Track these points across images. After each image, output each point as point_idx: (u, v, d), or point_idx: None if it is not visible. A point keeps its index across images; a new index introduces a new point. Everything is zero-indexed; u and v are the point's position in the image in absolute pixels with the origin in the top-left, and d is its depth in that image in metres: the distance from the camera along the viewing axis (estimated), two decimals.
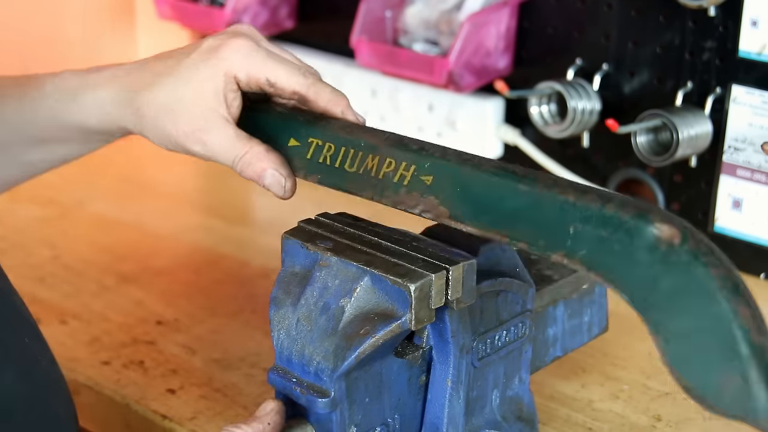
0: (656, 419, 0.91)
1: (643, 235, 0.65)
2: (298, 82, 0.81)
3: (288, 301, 0.78)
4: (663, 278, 0.64)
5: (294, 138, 0.82)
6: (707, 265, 0.63)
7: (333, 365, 0.74)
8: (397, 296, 0.74)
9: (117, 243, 1.22)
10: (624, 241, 0.65)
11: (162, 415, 0.91)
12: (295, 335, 0.77)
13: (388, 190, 0.77)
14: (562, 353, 0.90)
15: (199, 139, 0.81)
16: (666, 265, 0.64)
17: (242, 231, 1.25)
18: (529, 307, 0.83)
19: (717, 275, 0.63)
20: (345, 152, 0.80)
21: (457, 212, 0.74)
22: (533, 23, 1.22)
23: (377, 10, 1.26)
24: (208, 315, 1.07)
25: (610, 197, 0.68)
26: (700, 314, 0.62)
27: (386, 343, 0.75)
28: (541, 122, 1.20)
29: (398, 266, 0.75)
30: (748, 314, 0.62)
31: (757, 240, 1.11)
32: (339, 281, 0.76)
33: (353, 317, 0.75)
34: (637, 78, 1.16)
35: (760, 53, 1.06)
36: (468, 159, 0.75)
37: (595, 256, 0.67)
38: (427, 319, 0.75)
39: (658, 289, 0.64)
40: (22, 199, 1.33)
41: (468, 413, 0.80)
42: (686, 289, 0.63)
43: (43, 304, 1.08)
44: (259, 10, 1.38)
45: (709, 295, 0.62)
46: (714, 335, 0.62)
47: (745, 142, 1.09)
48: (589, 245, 0.67)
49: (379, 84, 1.32)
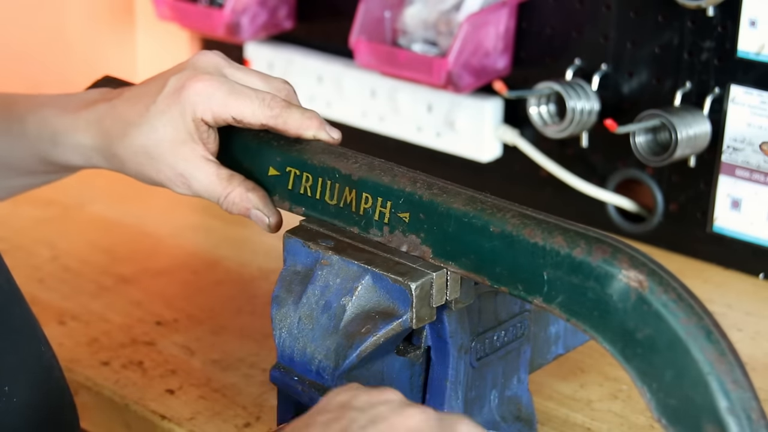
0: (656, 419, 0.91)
1: (612, 285, 0.64)
2: (264, 114, 0.80)
3: (290, 300, 0.78)
4: (638, 329, 0.63)
5: (272, 167, 0.83)
6: (677, 315, 0.62)
7: (334, 363, 0.75)
8: (398, 295, 0.74)
9: (116, 244, 1.22)
10: (596, 290, 0.65)
11: (161, 415, 0.91)
12: (297, 334, 0.77)
13: (372, 227, 0.77)
14: (564, 351, 0.90)
15: (183, 183, 0.82)
16: (638, 316, 0.63)
17: (242, 231, 1.25)
18: (527, 307, 0.83)
19: (687, 326, 0.62)
20: (323, 183, 0.80)
21: (438, 252, 0.74)
22: (532, 24, 1.22)
23: (376, 11, 1.26)
24: (207, 316, 1.07)
25: (576, 239, 0.67)
26: (676, 367, 0.62)
27: (387, 341, 0.75)
28: (540, 122, 1.20)
29: (399, 265, 0.75)
30: (724, 364, 0.61)
31: (756, 240, 1.11)
32: (340, 280, 0.76)
33: (354, 316, 0.75)
34: (635, 78, 1.16)
35: (758, 53, 1.06)
36: (438, 192, 0.74)
37: (572, 304, 0.66)
38: (428, 318, 0.75)
39: (635, 340, 0.63)
40: (22, 200, 1.33)
41: (466, 413, 0.80)
42: (660, 341, 0.62)
43: (43, 304, 1.08)
44: (258, 11, 1.38)
45: (681, 348, 0.62)
46: (692, 389, 0.61)
47: (743, 142, 1.09)
48: (565, 292, 0.67)
49: (378, 84, 1.32)
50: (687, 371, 0.62)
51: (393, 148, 1.37)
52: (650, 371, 0.63)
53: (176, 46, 1.56)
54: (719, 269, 1.15)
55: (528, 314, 0.83)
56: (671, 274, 0.65)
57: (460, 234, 0.73)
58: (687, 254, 1.18)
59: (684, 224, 1.17)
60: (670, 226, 1.18)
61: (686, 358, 0.62)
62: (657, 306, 0.63)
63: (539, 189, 1.27)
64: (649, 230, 1.19)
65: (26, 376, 0.76)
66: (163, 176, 0.82)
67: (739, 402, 0.61)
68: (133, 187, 1.38)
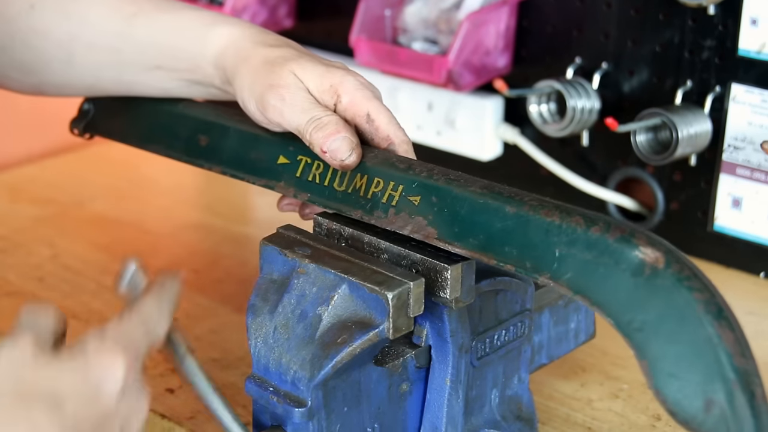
0: (656, 418, 0.91)
1: (628, 259, 0.65)
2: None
3: (265, 309, 0.77)
4: (648, 302, 0.64)
5: (283, 155, 0.84)
6: (691, 289, 0.63)
7: (310, 374, 0.73)
8: (374, 304, 0.73)
9: (116, 242, 1.22)
10: (609, 265, 0.66)
11: (161, 414, 0.91)
12: (272, 343, 0.76)
13: (377, 209, 0.77)
14: (547, 360, 0.89)
15: (280, 95, 0.82)
16: (650, 289, 0.64)
17: (242, 230, 1.25)
18: (528, 307, 0.83)
19: (701, 299, 0.63)
20: (333, 170, 0.81)
21: (444, 233, 0.74)
22: (532, 22, 1.22)
23: (376, 9, 1.26)
24: (207, 314, 1.07)
25: (595, 219, 0.68)
26: (684, 339, 0.62)
27: (364, 351, 0.74)
28: (541, 121, 1.20)
29: (376, 274, 0.74)
30: (732, 338, 0.62)
31: (757, 239, 1.11)
32: (316, 289, 0.75)
33: (330, 325, 0.74)
34: (636, 77, 1.16)
35: (759, 52, 1.06)
36: (455, 179, 0.75)
37: (581, 279, 0.67)
38: (406, 328, 0.74)
39: (643, 313, 0.64)
40: (22, 198, 1.33)
41: (467, 413, 0.80)
42: (671, 313, 0.63)
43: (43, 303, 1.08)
44: (258, 9, 1.38)
45: (693, 319, 0.62)
46: (699, 360, 0.62)
47: (744, 140, 1.09)
48: (575, 268, 0.67)
49: (379, 83, 1.32)
50: (696, 344, 0.62)
51: None
52: (655, 345, 0.63)
53: None
54: (720, 268, 1.15)
55: (528, 314, 0.83)
56: (685, 256, 0.66)
57: (472, 215, 0.73)
58: (687, 253, 1.15)
59: (685, 223, 1.17)
60: (671, 225, 1.18)
61: (696, 330, 0.62)
62: (672, 280, 0.64)
63: (540, 188, 1.26)
64: (650, 229, 1.19)
65: None
66: (266, 83, 0.83)
67: (744, 376, 0.61)
68: (133, 186, 1.39)
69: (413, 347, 0.79)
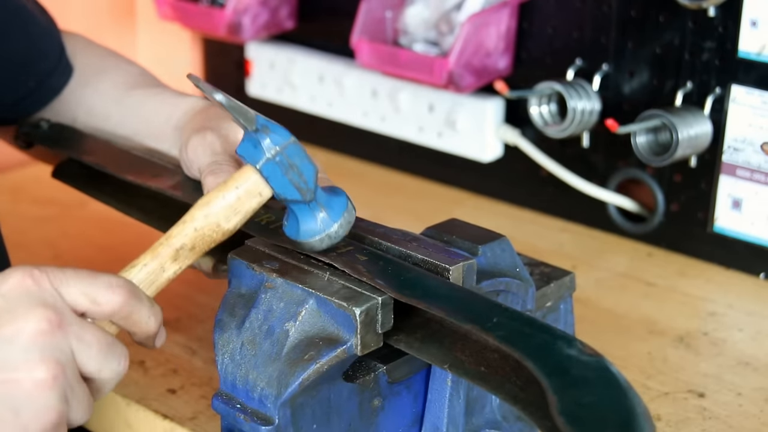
0: (656, 419, 0.91)
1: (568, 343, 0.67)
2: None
3: (233, 324, 0.76)
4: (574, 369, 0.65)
5: None
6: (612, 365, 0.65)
7: (276, 392, 0.72)
8: (342, 320, 0.72)
9: (118, 242, 1.22)
10: (547, 339, 0.67)
11: (163, 414, 0.91)
12: (240, 360, 0.74)
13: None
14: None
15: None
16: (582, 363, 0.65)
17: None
18: (529, 307, 0.83)
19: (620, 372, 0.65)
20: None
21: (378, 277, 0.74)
22: (533, 24, 1.22)
23: (377, 11, 1.27)
24: (208, 315, 1.07)
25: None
26: (599, 387, 0.63)
27: (332, 368, 0.72)
28: (541, 122, 1.20)
29: (345, 289, 0.73)
30: (633, 390, 0.63)
31: (757, 240, 1.11)
32: (284, 304, 0.74)
33: (298, 342, 0.73)
34: (636, 78, 1.16)
35: (759, 53, 1.07)
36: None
37: (512, 339, 0.68)
38: (375, 344, 0.72)
39: (570, 375, 0.65)
40: (23, 199, 1.33)
41: (468, 413, 0.80)
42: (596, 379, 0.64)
43: None
44: (259, 11, 1.38)
45: (612, 380, 0.64)
46: (611, 401, 0.62)
47: (744, 142, 1.09)
48: (509, 331, 0.68)
49: (380, 84, 1.33)
50: (609, 390, 0.63)
51: (394, 149, 1.37)
52: (572, 391, 0.64)
53: (177, 45, 1.56)
54: (720, 269, 1.15)
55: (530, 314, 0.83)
56: None
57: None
58: (688, 254, 1.18)
59: (685, 224, 1.17)
60: (671, 226, 1.18)
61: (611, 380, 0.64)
62: (603, 359, 0.66)
63: (540, 189, 1.27)
64: (650, 230, 1.19)
65: None
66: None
67: (646, 409, 0.62)
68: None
69: (385, 362, 0.77)
